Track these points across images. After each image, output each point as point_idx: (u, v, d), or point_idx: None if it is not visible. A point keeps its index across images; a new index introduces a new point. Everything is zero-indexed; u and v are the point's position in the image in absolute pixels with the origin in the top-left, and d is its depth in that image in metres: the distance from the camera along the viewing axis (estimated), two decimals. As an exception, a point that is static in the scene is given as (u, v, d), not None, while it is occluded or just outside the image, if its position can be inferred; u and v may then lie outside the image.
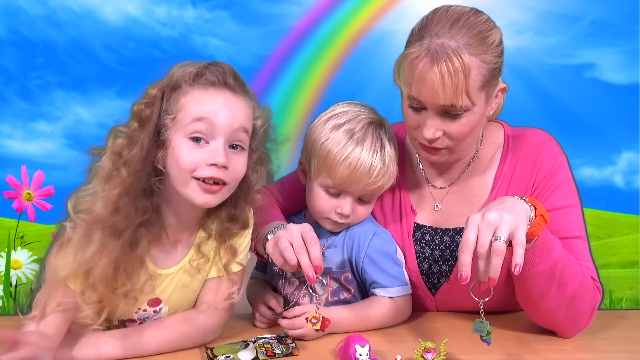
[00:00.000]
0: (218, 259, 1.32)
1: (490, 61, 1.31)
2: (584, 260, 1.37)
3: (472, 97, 1.30)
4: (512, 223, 1.16)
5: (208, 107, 1.23)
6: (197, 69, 1.25)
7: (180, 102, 1.23)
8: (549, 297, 1.30)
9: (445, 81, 1.27)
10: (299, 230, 1.32)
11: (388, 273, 1.43)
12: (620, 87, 2.08)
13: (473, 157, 1.49)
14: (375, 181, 1.38)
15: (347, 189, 1.39)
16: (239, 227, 1.32)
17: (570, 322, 1.35)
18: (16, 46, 2.11)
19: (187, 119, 1.22)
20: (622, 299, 2.12)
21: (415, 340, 1.23)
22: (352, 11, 2.09)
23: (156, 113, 1.23)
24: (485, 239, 1.15)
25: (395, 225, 1.50)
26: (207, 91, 1.24)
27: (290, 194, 1.57)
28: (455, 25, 1.29)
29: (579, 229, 1.41)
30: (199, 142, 1.22)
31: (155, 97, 1.24)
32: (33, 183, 2.14)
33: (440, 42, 1.28)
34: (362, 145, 1.37)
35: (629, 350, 1.33)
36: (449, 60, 1.26)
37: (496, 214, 1.16)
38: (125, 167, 1.21)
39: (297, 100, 2.13)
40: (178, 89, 1.24)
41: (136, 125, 1.23)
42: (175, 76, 1.25)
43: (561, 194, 1.41)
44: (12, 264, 2.17)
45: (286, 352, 1.30)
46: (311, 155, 1.42)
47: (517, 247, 1.15)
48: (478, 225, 1.16)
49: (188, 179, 1.22)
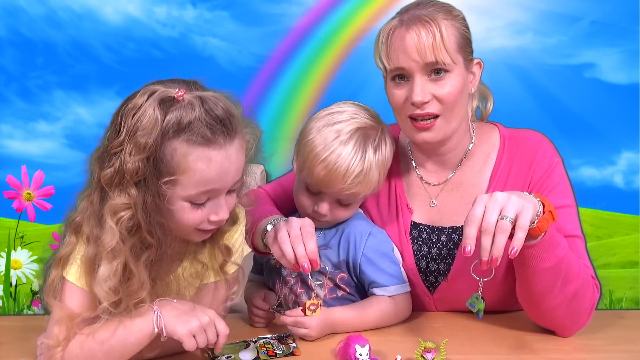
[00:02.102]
0: (214, 261, 1.30)
1: (459, 28, 1.40)
2: (583, 259, 1.39)
3: (451, 54, 1.37)
4: (519, 205, 1.17)
5: (212, 177, 1.13)
6: (188, 115, 1.10)
7: (175, 162, 1.11)
8: (553, 294, 1.30)
9: (423, 39, 1.36)
10: (298, 223, 1.32)
11: (386, 272, 1.43)
12: (620, 87, 2.09)
13: (465, 151, 1.49)
14: (349, 187, 1.37)
15: (324, 190, 1.39)
16: (229, 225, 1.29)
17: (570, 320, 1.35)
18: (16, 46, 2.11)
19: (190, 189, 1.13)
20: (622, 299, 2.12)
21: (415, 340, 1.23)
22: (352, 11, 2.09)
23: (152, 172, 1.11)
24: (491, 216, 1.16)
25: (392, 223, 1.51)
26: (206, 154, 1.11)
27: (288, 194, 1.57)
28: (421, 4, 1.41)
29: (576, 228, 1.42)
30: (201, 205, 1.16)
31: (150, 150, 1.10)
32: (33, 183, 2.14)
33: (411, 13, 1.39)
34: (344, 148, 1.36)
35: (628, 350, 1.33)
36: (423, 22, 1.37)
37: (504, 195, 1.19)
38: (133, 238, 1.14)
39: (297, 100, 2.13)
40: (168, 140, 1.11)
41: (135, 192, 1.11)
42: (167, 121, 1.10)
43: (558, 194, 1.42)
44: (12, 264, 2.17)
45: (287, 352, 1.30)
46: (298, 152, 1.43)
47: (518, 231, 1.17)
48: (485, 203, 1.18)
49: (190, 231, 1.20)
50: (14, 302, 2.18)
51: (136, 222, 1.13)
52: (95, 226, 1.16)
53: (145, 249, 1.16)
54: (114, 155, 1.12)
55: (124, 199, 1.12)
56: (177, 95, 1.12)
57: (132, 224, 1.13)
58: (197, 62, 2.10)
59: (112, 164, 1.12)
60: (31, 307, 2.18)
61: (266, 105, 2.12)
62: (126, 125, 1.11)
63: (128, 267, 1.15)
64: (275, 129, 2.13)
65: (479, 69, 1.46)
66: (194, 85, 1.17)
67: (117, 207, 1.12)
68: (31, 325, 1.43)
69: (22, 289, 2.19)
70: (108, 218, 1.12)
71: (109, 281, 1.14)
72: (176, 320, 1.16)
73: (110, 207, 1.12)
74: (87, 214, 1.17)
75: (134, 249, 1.14)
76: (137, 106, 1.11)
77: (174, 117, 1.11)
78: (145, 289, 1.16)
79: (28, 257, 2.18)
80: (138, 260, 1.15)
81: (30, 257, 2.18)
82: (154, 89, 1.13)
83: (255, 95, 2.11)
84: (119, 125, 1.13)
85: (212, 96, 1.14)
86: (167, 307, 1.18)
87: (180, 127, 1.11)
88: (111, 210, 1.12)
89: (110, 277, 1.14)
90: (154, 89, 1.13)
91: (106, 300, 1.15)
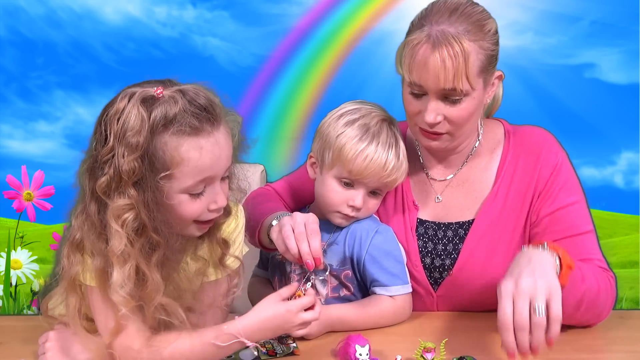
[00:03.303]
0: (214, 255, 1.31)
1: (487, 48, 1.37)
2: (595, 254, 1.41)
3: (472, 81, 1.35)
4: (547, 291, 1.15)
5: (206, 164, 1.14)
6: (172, 108, 1.12)
7: (169, 156, 1.12)
8: (576, 317, 1.33)
9: (446, 65, 1.32)
10: (302, 219, 1.34)
11: (389, 271, 1.43)
12: (620, 87, 2.09)
13: (472, 149, 1.50)
14: (389, 174, 1.41)
15: (363, 181, 1.41)
16: (224, 216, 1.29)
17: (593, 320, 1.39)
18: (16, 46, 2.11)
19: (186, 181, 1.14)
20: (622, 299, 2.12)
21: (415, 340, 1.23)
22: (352, 11, 2.09)
23: (147, 170, 1.11)
24: (523, 312, 1.13)
25: (399, 220, 1.51)
26: (197, 143, 1.13)
27: (296, 191, 1.57)
28: (454, 14, 1.36)
29: (588, 223, 1.44)
30: (199, 195, 1.17)
31: (142, 148, 1.11)
32: (33, 183, 2.14)
33: (440, 29, 1.34)
34: (378, 139, 1.40)
35: (629, 350, 1.33)
36: (449, 45, 1.32)
37: (529, 281, 1.15)
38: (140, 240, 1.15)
39: (297, 100, 2.13)
40: (158, 136, 1.12)
41: (134, 192, 1.12)
42: (154, 118, 1.11)
43: (568, 190, 1.44)
44: (12, 264, 2.17)
45: (287, 352, 1.30)
46: (325, 149, 1.44)
47: (553, 324, 1.14)
48: (513, 296, 1.15)
49: (189, 224, 1.20)
50: (14, 302, 2.18)
51: (141, 223, 1.13)
52: (97, 240, 1.16)
53: (154, 250, 1.16)
54: (106, 163, 1.12)
55: (126, 200, 1.12)
56: (157, 93, 1.13)
57: (137, 224, 1.13)
58: (197, 62, 2.10)
59: (106, 172, 1.12)
60: (31, 307, 2.18)
61: (266, 105, 2.12)
62: (113, 131, 1.12)
63: (141, 271, 1.15)
64: (275, 129, 2.13)
65: (499, 80, 1.46)
66: (169, 82, 1.18)
67: (120, 210, 1.12)
68: (31, 325, 1.42)
69: (22, 289, 2.19)
70: (113, 223, 1.12)
71: (125, 287, 1.14)
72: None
73: (113, 211, 1.12)
74: (85, 229, 1.17)
75: (143, 250, 1.15)
76: (120, 110, 1.12)
77: (159, 113, 1.12)
78: (160, 290, 1.17)
79: (28, 257, 2.18)
80: (149, 262, 1.16)
81: (30, 257, 2.18)
82: (132, 91, 1.14)
83: (255, 95, 2.11)
84: (104, 132, 1.13)
85: (192, 88, 1.16)
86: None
87: (167, 120, 1.12)
88: (115, 214, 1.12)
89: (125, 282, 1.14)
90: (132, 91, 1.14)
91: (124, 307, 1.15)
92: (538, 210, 1.44)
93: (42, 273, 2.17)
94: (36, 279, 2.18)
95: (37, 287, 2.18)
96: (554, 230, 1.42)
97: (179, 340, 1.19)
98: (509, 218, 1.46)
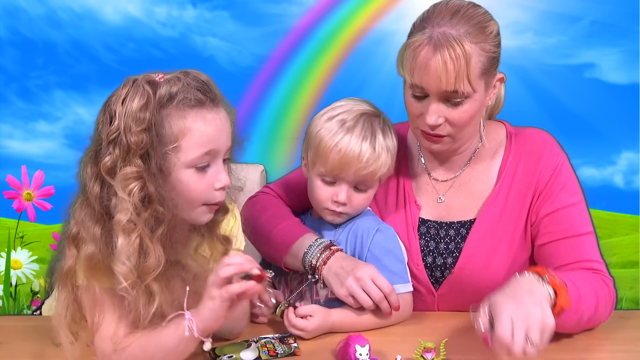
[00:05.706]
0: (216, 252, 1.31)
1: (489, 50, 1.37)
2: (594, 256, 1.42)
3: (473, 83, 1.35)
4: (541, 326, 1.15)
5: (210, 134, 1.17)
6: (176, 84, 1.16)
7: (175, 128, 1.15)
8: (576, 331, 1.35)
9: (448, 67, 1.32)
10: (369, 275, 1.36)
11: (390, 270, 1.43)
12: (620, 87, 2.09)
13: (474, 151, 1.51)
14: (366, 166, 1.40)
15: (340, 175, 1.41)
16: (222, 214, 1.30)
17: (593, 327, 1.39)
18: (16, 46, 2.11)
19: (192, 152, 1.16)
20: (622, 299, 2.12)
21: (415, 340, 1.23)
22: (352, 11, 2.09)
23: (154, 142, 1.14)
24: (520, 340, 1.13)
25: (401, 219, 1.51)
26: (202, 114, 1.17)
27: (295, 191, 1.57)
28: (455, 16, 1.36)
29: (587, 224, 1.45)
30: (204, 170, 1.19)
31: (149, 122, 1.14)
32: (33, 183, 2.14)
33: (442, 31, 1.33)
34: (352, 132, 1.40)
35: (629, 350, 1.33)
36: (450, 47, 1.32)
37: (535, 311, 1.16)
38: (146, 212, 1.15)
39: (297, 100, 2.13)
40: (164, 109, 1.15)
41: (141, 163, 1.14)
42: (160, 94, 1.15)
43: (568, 192, 1.44)
44: (12, 264, 2.18)
45: (288, 352, 1.30)
46: (308, 147, 1.45)
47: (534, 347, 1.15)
48: (512, 319, 1.14)
49: (197, 206, 1.21)
50: (14, 302, 2.18)
51: (147, 193, 1.15)
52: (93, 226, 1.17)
53: (159, 224, 1.17)
54: (111, 143, 1.14)
55: (133, 168, 1.13)
56: (158, 78, 1.18)
57: (143, 194, 1.14)
58: (197, 62, 2.10)
59: (110, 151, 1.14)
60: (31, 307, 2.18)
61: (266, 105, 2.12)
62: (118, 111, 1.14)
63: (144, 244, 1.16)
64: (275, 129, 2.14)
65: (501, 82, 1.46)
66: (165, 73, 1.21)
67: (127, 178, 1.13)
68: (31, 325, 1.43)
69: (22, 289, 2.19)
70: (120, 191, 1.14)
71: (131, 257, 1.15)
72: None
73: (120, 179, 1.13)
74: (82, 218, 1.18)
75: (148, 223, 1.16)
76: (125, 94, 1.16)
77: (164, 90, 1.16)
78: (160, 265, 1.17)
79: (28, 257, 2.18)
80: (153, 235, 1.16)
81: (30, 257, 2.18)
82: (134, 77, 1.18)
83: (255, 95, 2.11)
84: (109, 115, 1.16)
85: (193, 70, 1.21)
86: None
87: (172, 95, 1.16)
88: (122, 182, 1.13)
89: (131, 253, 1.15)
90: (134, 77, 1.18)
91: (125, 280, 1.15)
92: (538, 211, 1.44)
93: (42, 273, 2.18)
94: (36, 279, 2.18)
95: (37, 287, 2.18)
96: (553, 230, 1.42)
97: (136, 342, 1.19)
98: (509, 218, 1.46)
